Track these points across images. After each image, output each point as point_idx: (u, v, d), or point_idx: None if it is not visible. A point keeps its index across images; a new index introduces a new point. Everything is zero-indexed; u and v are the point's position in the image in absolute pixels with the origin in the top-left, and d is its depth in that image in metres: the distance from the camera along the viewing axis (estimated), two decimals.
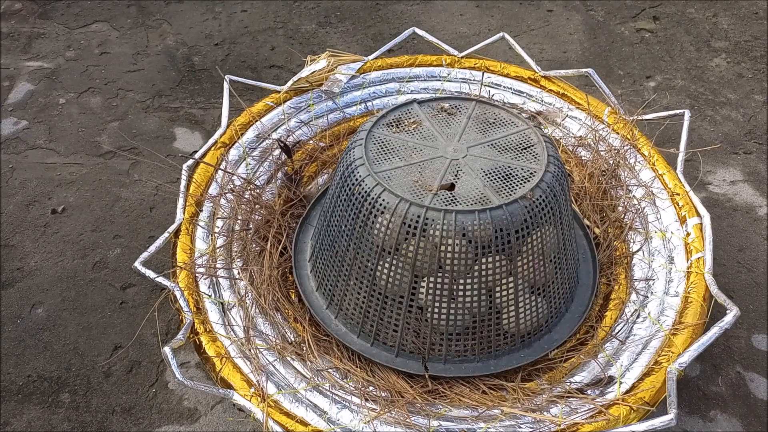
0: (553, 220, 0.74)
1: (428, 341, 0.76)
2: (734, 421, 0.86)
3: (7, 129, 1.27)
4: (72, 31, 1.52)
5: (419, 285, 0.73)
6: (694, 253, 0.87)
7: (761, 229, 1.11)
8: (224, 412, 0.86)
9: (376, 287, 0.76)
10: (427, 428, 0.70)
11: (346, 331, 0.81)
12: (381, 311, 0.76)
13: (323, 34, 1.54)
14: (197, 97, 1.36)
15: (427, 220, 0.69)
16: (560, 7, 1.64)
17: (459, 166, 0.76)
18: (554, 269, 0.78)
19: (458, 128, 0.81)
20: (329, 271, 0.82)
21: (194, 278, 0.84)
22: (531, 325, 0.78)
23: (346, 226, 0.76)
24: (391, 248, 0.72)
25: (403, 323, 0.76)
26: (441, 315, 0.74)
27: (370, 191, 0.72)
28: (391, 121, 0.82)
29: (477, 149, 0.78)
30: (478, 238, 0.69)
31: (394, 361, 0.78)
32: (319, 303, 0.84)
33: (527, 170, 0.75)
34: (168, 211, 1.12)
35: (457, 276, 0.72)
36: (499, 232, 0.70)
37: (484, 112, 0.84)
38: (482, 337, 0.76)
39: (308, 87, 1.09)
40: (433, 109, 0.84)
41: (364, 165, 0.74)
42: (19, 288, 1.00)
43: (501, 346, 0.78)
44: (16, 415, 0.85)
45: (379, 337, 0.79)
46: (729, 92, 1.40)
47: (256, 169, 1.00)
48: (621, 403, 0.72)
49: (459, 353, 0.77)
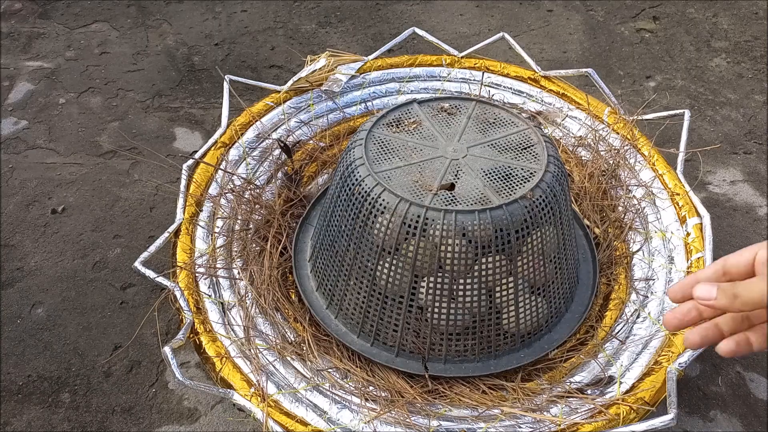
0: (553, 220, 0.74)
1: (428, 341, 0.76)
2: (734, 421, 0.86)
3: (7, 129, 1.27)
4: (72, 31, 1.52)
5: (419, 285, 0.73)
6: (694, 253, 0.87)
7: (761, 229, 1.11)
8: (224, 412, 0.86)
9: (376, 287, 0.76)
10: (427, 428, 0.70)
11: (346, 331, 0.81)
12: (381, 311, 0.76)
13: (323, 34, 1.54)
14: (197, 97, 1.36)
15: (427, 220, 0.69)
16: (560, 7, 1.64)
17: (459, 166, 0.76)
18: (554, 269, 0.78)
19: (458, 128, 0.81)
20: (329, 271, 0.82)
21: (194, 278, 0.84)
22: (531, 325, 0.78)
23: (346, 226, 0.76)
24: (391, 248, 0.72)
25: (403, 323, 0.76)
26: (441, 315, 0.74)
27: (370, 191, 0.72)
28: (391, 121, 0.82)
29: (477, 149, 0.78)
30: (478, 238, 0.70)
31: (394, 361, 0.78)
32: (319, 303, 0.85)
33: (527, 170, 0.75)
34: (168, 211, 1.12)
35: (457, 276, 0.72)
36: (499, 232, 0.70)
37: (484, 112, 0.84)
38: (482, 337, 0.76)
39: (308, 87, 1.09)
40: (433, 109, 0.84)
41: (364, 165, 0.74)
42: (19, 288, 1.00)
43: (501, 346, 0.78)
44: (16, 415, 0.85)
45: (379, 337, 0.79)
46: (729, 92, 1.40)
47: (256, 169, 1.00)
48: (621, 403, 0.72)
49: (459, 353, 0.77)
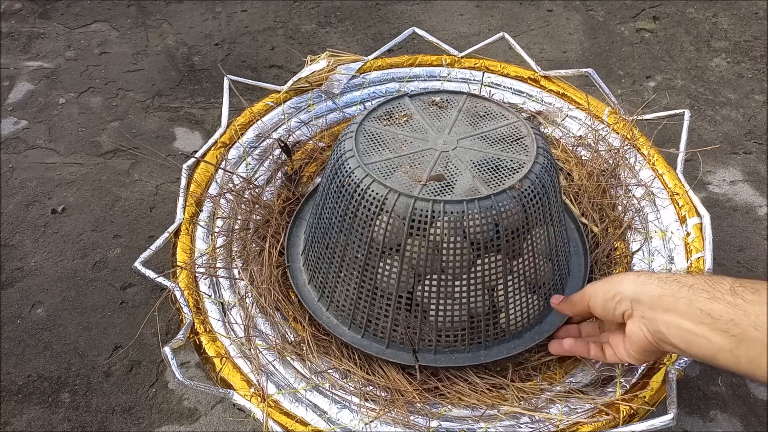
0: (543, 211, 0.74)
1: (418, 332, 0.76)
2: (734, 421, 0.86)
3: (7, 129, 1.27)
4: (72, 31, 1.52)
5: (409, 276, 0.74)
6: (694, 252, 0.87)
7: (761, 229, 1.11)
8: (224, 412, 0.86)
9: (366, 279, 0.76)
10: (427, 428, 0.70)
11: (338, 323, 0.81)
12: (371, 303, 0.76)
13: (323, 34, 1.54)
14: (197, 97, 1.36)
15: (416, 210, 0.69)
16: (560, 7, 1.64)
17: (449, 157, 0.76)
18: (545, 260, 0.78)
19: (449, 121, 0.81)
20: (320, 264, 0.82)
21: (194, 278, 0.84)
22: (521, 315, 0.78)
23: (336, 218, 0.76)
24: (380, 240, 0.72)
25: (393, 314, 0.76)
26: (430, 305, 0.74)
27: (359, 182, 0.72)
28: (381, 114, 0.82)
29: (467, 141, 0.78)
30: (467, 228, 0.70)
31: (385, 353, 0.78)
32: (311, 296, 0.85)
33: (516, 161, 0.75)
34: (168, 211, 1.12)
35: (446, 267, 0.72)
36: (487, 222, 0.70)
37: (474, 105, 0.84)
38: (472, 327, 0.76)
39: (308, 87, 1.09)
40: (424, 102, 0.84)
41: (354, 157, 0.74)
42: (19, 288, 1.00)
43: (491, 337, 0.78)
44: (16, 415, 0.85)
45: (369, 329, 0.78)
46: (729, 92, 1.40)
47: (256, 168, 1.00)
48: (621, 403, 0.72)
49: (449, 344, 0.77)
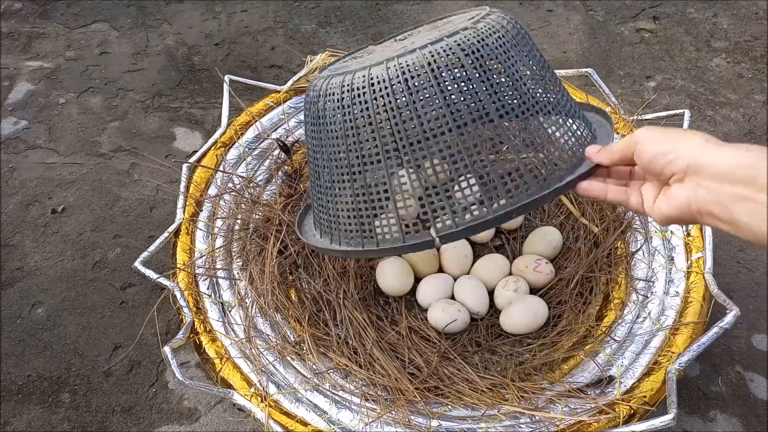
0: (512, 45, 0.68)
1: (427, 207, 0.67)
2: (734, 421, 0.86)
3: (7, 129, 1.27)
4: (72, 31, 1.52)
5: (392, 147, 0.67)
6: (694, 253, 0.87)
7: None
8: (224, 412, 0.86)
9: (357, 178, 0.69)
10: (427, 428, 0.70)
11: (351, 248, 0.72)
12: (373, 203, 0.70)
13: (323, 34, 1.54)
14: (197, 97, 1.36)
15: (373, 76, 0.65)
16: (560, 7, 1.64)
17: (405, 46, 0.74)
18: (543, 87, 0.72)
19: (408, 41, 0.80)
20: (321, 200, 0.74)
21: (194, 278, 0.84)
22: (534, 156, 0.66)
23: (316, 140, 0.71)
24: (352, 127, 0.67)
25: (394, 201, 0.67)
26: (428, 170, 0.67)
27: (321, 87, 0.69)
28: (347, 57, 0.82)
29: (424, 38, 0.75)
30: (430, 70, 0.64)
31: (404, 246, 0.68)
32: (325, 242, 0.75)
33: (471, 20, 0.69)
34: (168, 211, 1.12)
35: (422, 108, 0.65)
36: (452, 55, 0.64)
37: (435, 24, 0.83)
38: (481, 178, 0.66)
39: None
40: (387, 41, 0.84)
41: (319, 80, 0.73)
42: (19, 288, 1.00)
43: (503, 185, 0.66)
44: (16, 415, 0.85)
45: (380, 235, 0.70)
46: (729, 92, 1.40)
47: (256, 168, 1.00)
48: (621, 403, 0.72)
49: (465, 209, 0.67)
